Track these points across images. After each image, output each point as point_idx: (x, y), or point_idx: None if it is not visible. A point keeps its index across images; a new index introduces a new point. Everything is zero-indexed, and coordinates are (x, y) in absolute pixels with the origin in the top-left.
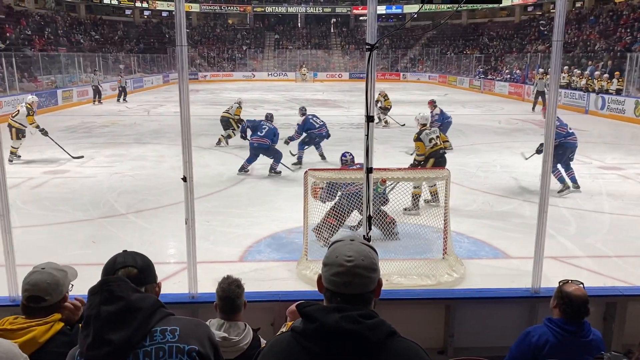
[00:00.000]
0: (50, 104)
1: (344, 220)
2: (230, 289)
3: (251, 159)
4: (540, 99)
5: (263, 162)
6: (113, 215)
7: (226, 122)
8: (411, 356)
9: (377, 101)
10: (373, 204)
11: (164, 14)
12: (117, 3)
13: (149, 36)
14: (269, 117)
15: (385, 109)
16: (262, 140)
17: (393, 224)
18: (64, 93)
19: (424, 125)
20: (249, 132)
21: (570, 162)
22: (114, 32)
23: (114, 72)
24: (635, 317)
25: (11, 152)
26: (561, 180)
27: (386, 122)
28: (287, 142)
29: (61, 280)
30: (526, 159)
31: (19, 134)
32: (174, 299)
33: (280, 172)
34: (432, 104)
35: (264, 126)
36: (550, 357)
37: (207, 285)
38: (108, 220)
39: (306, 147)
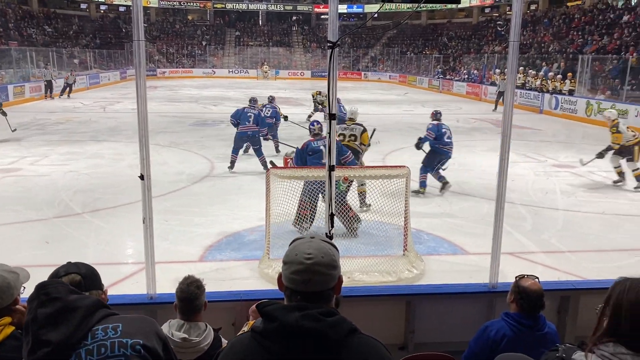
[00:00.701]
0: (1, 100)
1: (315, 207)
2: (189, 290)
3: (236, 150)
4: (501, 99)
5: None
6: (68, 215)
7: None
8: (372, 353)
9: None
10: (339, 197)
11: (122, 8)
12: None
13: (106, 31)
14: (253, 102)
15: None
16: (251, 127)
17: (357, 220)
18: (15, 88)
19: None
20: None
21: (441, 170)
22: (69, 27)
23: (68, 67)
24: (587, 309)
25: None
26: (422, 184)
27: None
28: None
29: (12, 282)
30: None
31: None
32: (131, 300)
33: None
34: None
35: (249, 114)
36: (508, 350)
37: (166, 286)
38: (63, 220)
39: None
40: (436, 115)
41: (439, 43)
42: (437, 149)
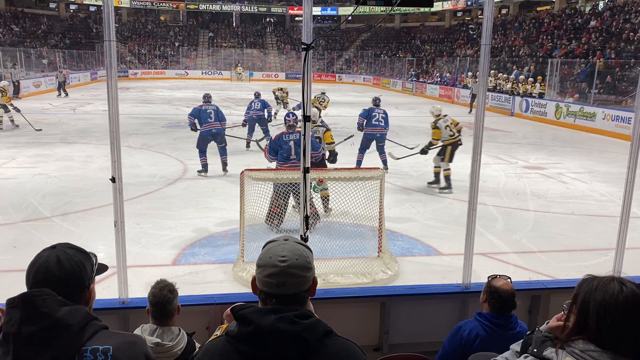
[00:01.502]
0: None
1: (286, 205)
2: (162, 294)
3: (203, 152)
4: (475, 101)
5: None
6: (37, 219)
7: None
8: (348, 355)
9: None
10: (287, 193)
11: (92, 8)
12: None
13: (76, 31)
14: (208, 98)
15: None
16: (214, 125)
17: (316, 217)
18: None
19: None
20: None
21: (380, 151)
22: (37, 26)
23: (37, 67)
24: (557, 308)
25: None
26: (358, 163)
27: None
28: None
29: None
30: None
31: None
32: (103, 305)
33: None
34: (373, 101)
35: (208, 111)
36: (481, 350)
37: (139, 290)
38: (31, 224)
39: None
40: (375, 101)
41: (412, 46)
42: (366, 132)
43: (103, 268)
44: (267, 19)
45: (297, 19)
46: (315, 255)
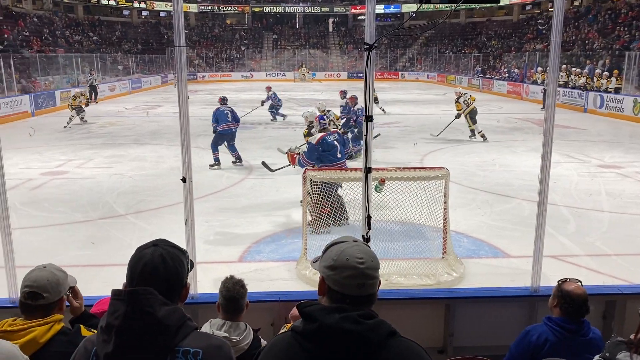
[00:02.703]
0: (49, 105)
1: (341, 202)
2: (235, 289)
3: (216, 147)
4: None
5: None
6: (112, 216)
7: None
8: (412, 356)
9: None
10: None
11: (162, 14)
12: (114, 4)
13: (147, 37)
14: (225, 100)
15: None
16: (231, 125)
17: (344, 217)
18: (62, 94)
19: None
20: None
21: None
22: (112, 33)
23: (112, 72)
24: (634, 315)
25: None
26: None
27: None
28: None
29: (61, 279)
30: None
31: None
32: None
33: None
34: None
35: (226, 112)
36: (550, 356)
37: (207, 286)
38: (107, 222)
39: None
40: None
41: (478, 42)
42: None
43: (192, 264)
44: (330, 19)
45: (359, 17)
46: (378, 256)
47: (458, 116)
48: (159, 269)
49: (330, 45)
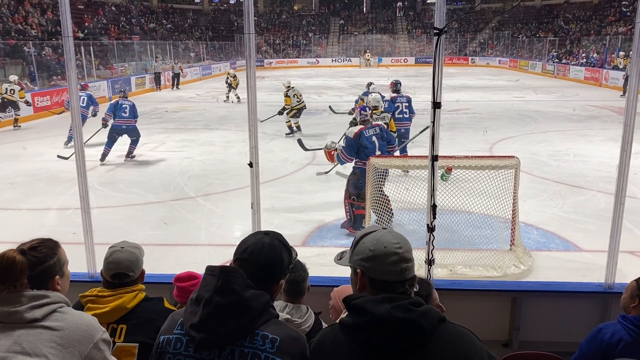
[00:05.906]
0: (125, 90)
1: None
2: (297, 273)
3: (111, 143)
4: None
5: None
6: (183, 198)
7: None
8: (463, 341)
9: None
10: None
11: (232, 1)
12: None
13: (218, 24)
14: (125, 93)
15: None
16: (128, 121)
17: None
18: (137, 80)
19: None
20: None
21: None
22: (184, 20)
23: (183, 59)
24: None
25: None
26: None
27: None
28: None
29: (139, 256)
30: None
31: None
32: None
33: (135, 155)
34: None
35: (124, 105)
36: (624, 356)
37: None
38: (178, 203)
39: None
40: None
41: (554, 25)
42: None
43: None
44: (398, 3)
45: (428, 1)
46: (442, 246)
47: (282, 112)
48: (256, 255)
49: (398, 30)
